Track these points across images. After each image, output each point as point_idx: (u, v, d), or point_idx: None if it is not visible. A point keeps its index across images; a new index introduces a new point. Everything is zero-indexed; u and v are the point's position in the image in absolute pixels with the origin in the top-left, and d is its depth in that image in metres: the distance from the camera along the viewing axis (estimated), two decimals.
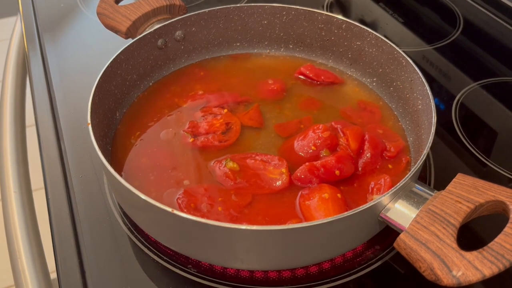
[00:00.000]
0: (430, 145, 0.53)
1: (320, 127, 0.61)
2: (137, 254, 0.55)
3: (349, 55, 0.74)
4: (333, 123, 0.63)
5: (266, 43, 0.79)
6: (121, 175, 0.52)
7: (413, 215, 0.48)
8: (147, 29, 0.71)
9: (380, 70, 0.71)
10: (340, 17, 0.72)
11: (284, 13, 0.75)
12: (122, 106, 0.68)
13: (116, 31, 0.72)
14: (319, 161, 0.58)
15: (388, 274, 0.54)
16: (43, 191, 0.62)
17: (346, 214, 0.46)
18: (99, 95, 0.60)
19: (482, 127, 0.73)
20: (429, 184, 0.63)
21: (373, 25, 0.96)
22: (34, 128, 0.73)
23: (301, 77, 0.74)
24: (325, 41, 0.76)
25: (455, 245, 0.45)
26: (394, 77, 0.69)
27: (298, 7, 0.74)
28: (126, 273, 0.54)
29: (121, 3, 0.74)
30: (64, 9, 0.98)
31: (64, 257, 0.55)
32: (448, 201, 0.48)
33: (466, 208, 0.47)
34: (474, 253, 0.44)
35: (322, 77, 0.73)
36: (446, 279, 0.44)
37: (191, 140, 0.63)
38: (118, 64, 0.66)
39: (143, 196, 0.47)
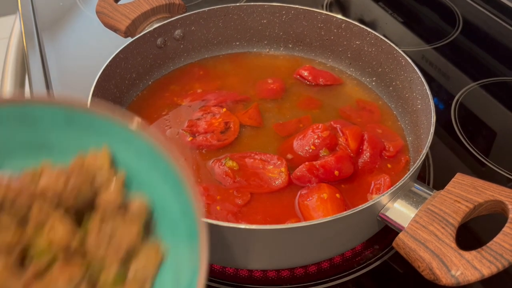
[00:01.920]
0: (429, 144, 0.53)
1: (320, 127, 0.61)
2: None
3: (349, 55, 0.74)
4: (332, 123, 0.63)
5: (265, 42, 0.79)
6: None
7: (412, 215, 0.48)
8: (146, 28, 0.71)
9: (380, 69, 0.71)
10: (339, 16, 0.72)
11: (283, 12, 0.75)
12: (121, 105, 0.68)
13: (115, 30, 0.72)
14: (318, 161, 0.58)
15: (387, 273, 0.54)
16: None
17: (344, 213, 0.46)
18: (98, 94, 0.60)
19: (481, 127, 0.73)
20: (428, 184, 0.63)
21: (372, 25, 0.96)
22: None
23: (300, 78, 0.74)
24: (324, 41, 0.76)
25: (454, 245, 0.45)
26: (393, 76, 0.68)
27: (297, 6, 0.74)
28: None
29: (120, 2, 0.74)
30: (63, 8, 0.98)
31: None
32: (447, 200, 0.48)
33: (465, 208, 0.47)
34: (473, 252, 0.44)
35: (321, 79, 0.72)
36: (445, 279, 0.44)
37: (189, 139, 0.62)
38: (117, 63, 0.66)
39: None
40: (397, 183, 0.49)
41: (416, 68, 0.63)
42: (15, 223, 0.32)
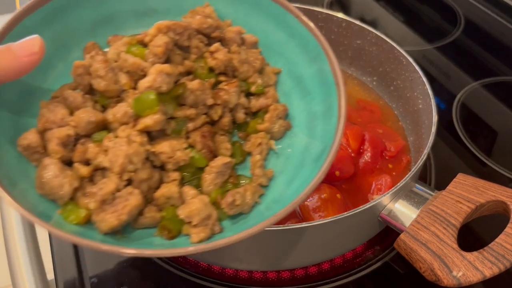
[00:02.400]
0: (430, 144, 0.52)
1: None
2: None
3: (349, 54, 0.74)
4: None
5: None
6: None
7: (414, 215, 0.48)
8: None
9: (380, 69, 0.70)
10: (340, 15, 0.72)
11: None
12: None
13: None
14: None
15: (388, 274, 0.54)
16: None
17: (345, 214, 0.46)
18: None
19: (483, 127, 0.73)
20: (430, 184, 0.63)
21: (373, 24, 0.95)
22: None
23: None
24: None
25: (455, 246, 0.45)
26: (394, 76, 0.68)
27: (297, 5, 0.74)
28: (124, 273, 0.53)
29: None
30: None
31: (61, 257, 0.55)
32: (449, 201, 0.48)
33: (466, 208, 0.47)
34: (475, 253, 0.44)
35: None
36: (446, 280, 0.44)
37: None
38: None
39: None
40: (398, 184, 0.49)
41: (417, 67, 0.62)
42: (181, 57, 0.42)
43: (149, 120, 0.37)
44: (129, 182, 0.37)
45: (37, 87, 0.41)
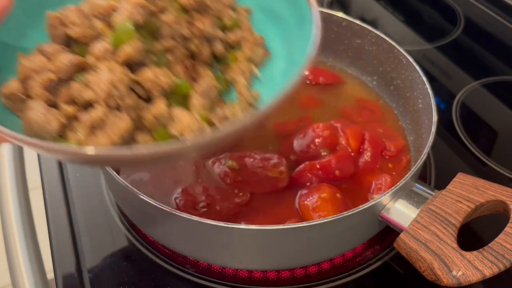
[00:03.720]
0: (430, 144, 0.52)
1: (320, 126, 0.61)
2: (135, 253, 0.55)
3: (349, 54, 0.74)
4: (333, 122, 0.63)
5: None
6: (119, 174, 0.52)
7: (413, 215, 0.48)
8: None
9: (380, 68, 0.70)
10: (340, 15, 0.72)
11: None
12: None
13: None
14: (318, 161, 0.57)
15: (387, 274, 0.54)
16: (40, 190, 0.62)
17: (345, 214, 0.46)
18: None
19: (483, 127, 0.73)
20: (429, 184, 0.63)
21: (373, 23, 0.95)
22: None
23: None
24: (324, 39, 0.75)
25: (455, 245, 0.45)
26: (394, 75, 0.68)
27: None
28: (124, 273, 0.53)
29: None
30: None
31: (61, 257, 0.55)
32: (449, 200, 0.48)
33: (466, 208, 0.47)
34: (475, 253, 0.44)
35: (321, 78, 0.72)
36: (446, 279, 0.44)
37: None
38: None
39: (141, 195, 0.47)
40: (398, 183, 0.49)
41: (417, 67, 0.62)
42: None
43: (129, 48, 0.37)
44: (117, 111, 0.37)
45: (14, 47, 0.41)
